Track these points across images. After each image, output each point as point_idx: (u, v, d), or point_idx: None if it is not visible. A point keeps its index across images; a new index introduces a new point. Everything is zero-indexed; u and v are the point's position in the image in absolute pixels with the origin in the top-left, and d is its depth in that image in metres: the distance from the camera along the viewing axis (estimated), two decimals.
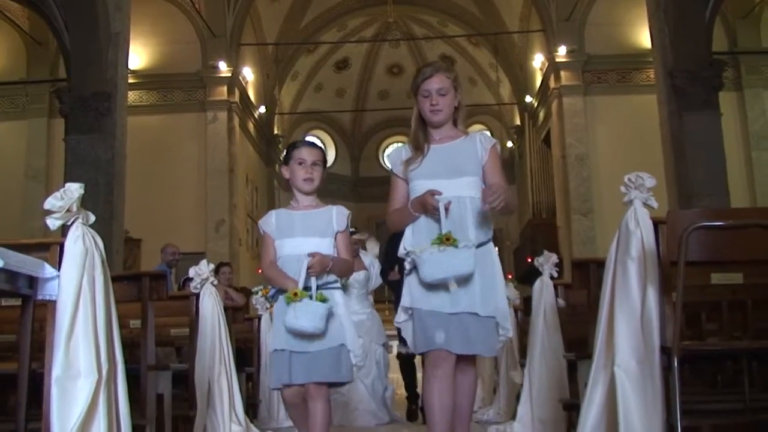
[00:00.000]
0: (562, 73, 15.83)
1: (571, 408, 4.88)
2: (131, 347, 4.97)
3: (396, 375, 8.12)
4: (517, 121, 21.73)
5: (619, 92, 15.47)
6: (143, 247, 14.87)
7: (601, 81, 15.73)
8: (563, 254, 14.35)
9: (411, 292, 3.42)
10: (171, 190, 15.52)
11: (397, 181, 3.60)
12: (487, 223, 3.43)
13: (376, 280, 7.66)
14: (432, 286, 3.32)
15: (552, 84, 16.14)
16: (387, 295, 13.11)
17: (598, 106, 15.55)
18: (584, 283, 4.80)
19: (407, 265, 3.42)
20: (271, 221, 3.72)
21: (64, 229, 3.27)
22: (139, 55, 15.65)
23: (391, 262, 5.95)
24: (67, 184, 3.15)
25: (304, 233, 3.61)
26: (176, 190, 15.61)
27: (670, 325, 3.01)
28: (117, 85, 10.72)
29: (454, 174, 3.42)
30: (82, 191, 3.16)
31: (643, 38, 13.99)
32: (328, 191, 11.36)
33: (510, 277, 17.87)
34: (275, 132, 21.23)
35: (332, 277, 3.57)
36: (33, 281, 3.13)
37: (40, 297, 3.17)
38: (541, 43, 17.07)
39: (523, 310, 6.20)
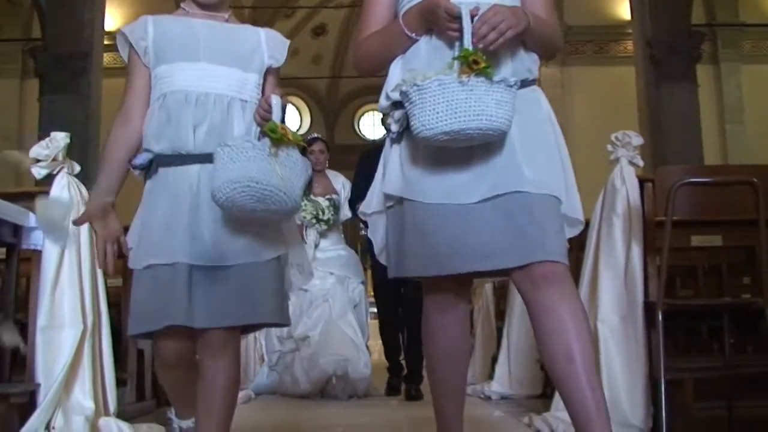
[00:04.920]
0: None
1: None
2: (110, 305, 4.95)
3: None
4: None
5: (597, 63, 15.51)
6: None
7: (579, 52, 15.74)
8: None
9: (403, 169, 1.98)
10: None
11: None
12: (530, 51, 2.03)
13: (345, 212, 5.90)
14: (439, 156, 1.91)
15: None
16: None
17: (576, 77, 15.57)
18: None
19: (394, 126, 1.99)
20: (145, 30, 2.10)
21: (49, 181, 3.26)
22: (113, 16, 15.40)
23: (365, 188, 2.42)
24: (53, 133, 3.14)
25: (216, 58, 2.09)
26: None
27: (654, 281, 3.06)
28: (93, 45, 10.59)
29: None
30: (68, 140, 3.14)
31: (622, 9, 14.02)
32: None
33: None
34: None
35: None
36: (18, 230, 3.11)
37: (24, 246, 3.15)
38: None
39: None
